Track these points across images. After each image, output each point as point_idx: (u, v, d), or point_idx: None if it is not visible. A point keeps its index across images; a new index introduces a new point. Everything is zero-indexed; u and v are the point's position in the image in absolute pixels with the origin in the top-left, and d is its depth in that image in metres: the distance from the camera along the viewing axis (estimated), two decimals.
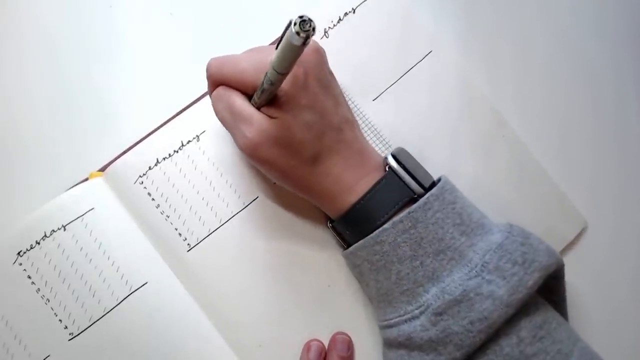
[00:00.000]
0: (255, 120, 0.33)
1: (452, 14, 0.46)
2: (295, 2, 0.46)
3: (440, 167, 0.42)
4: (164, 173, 0.41)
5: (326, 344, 0.40)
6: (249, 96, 0.34)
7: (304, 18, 0.24)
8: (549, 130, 0.45)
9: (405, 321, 0.33)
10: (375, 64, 0.43)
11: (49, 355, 0.38)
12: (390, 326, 0.35)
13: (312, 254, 0.41)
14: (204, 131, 0.42)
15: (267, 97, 0.32)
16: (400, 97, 0.43)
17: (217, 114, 0.36)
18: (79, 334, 0.38)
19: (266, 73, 0.29)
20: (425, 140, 0.43)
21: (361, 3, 0.44)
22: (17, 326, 0.38)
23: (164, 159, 0.41)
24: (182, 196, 0.41)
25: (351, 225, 0.36)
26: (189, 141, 0.41)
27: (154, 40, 0.45)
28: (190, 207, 0.41)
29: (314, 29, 0.24)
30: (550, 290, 0.35)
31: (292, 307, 0.40)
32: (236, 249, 0.40)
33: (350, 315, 0.40)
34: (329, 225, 0.40)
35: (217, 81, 0.35)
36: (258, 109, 0.34)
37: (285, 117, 0.33)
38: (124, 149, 0.42)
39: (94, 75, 0.44)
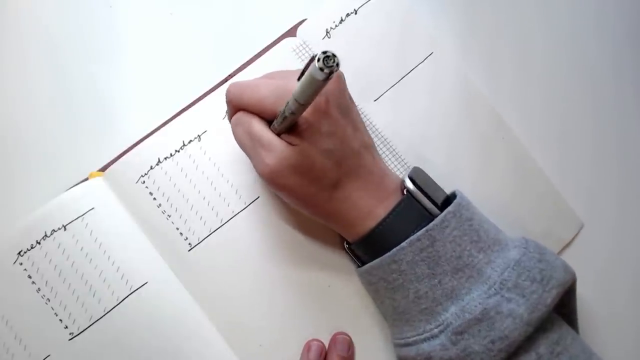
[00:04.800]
0: (275, 147, 0.33)
1: (453, 16, 0.46)
2: (297, 3, 0.46)
3: (440, 167, 0.42)
4: (166, 173, 0.41)
5: (326, 344, 0.40)
6: (268, 122, 0.34)
7: (327, 54, 0.24)
8: (549, 132, 0.45)
9: (424, 340, 0.33)
10: (376, 65, 0.44)
11: (49, 355, 0.38)
12: (408, 344, 0.34)
13: (312, 253, 0.41)
14: (205, 131, 0.42)
15: (288, 124, 0.32)
16: (401, 98, 0.43)
17: (236, 139, 0.36)
18: (79, 334, 0.38)
19: (287, 102, 0.29)
20: (425, 141, 0.43)
21: (363, 4, 0.44)
22: (17, 326, 0.38)
23: (165, 158, 0.41)
24: (183, 196, 0.41)
25: (370, 249, 0.36)
26: (190, 141, 0.42)
27: (154, 40, 0.45)
28: (192, 207, 0.41)
29: (337, 65, 0.24)
30: (562, 304, 0.35)
31: (293, 307, 0.40)
32: (237, 249, 0.40)
33: (351, 315, 0.40)
34: (346, 246, 0.40)
35: (237, 106, 0.35)
36: (278, 135, 0.33)
37: (306, 144, 0.33)
38: (124, 148, 0.42)
39: (94, 75, 0.44)
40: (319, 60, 0.24)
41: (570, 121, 0.45)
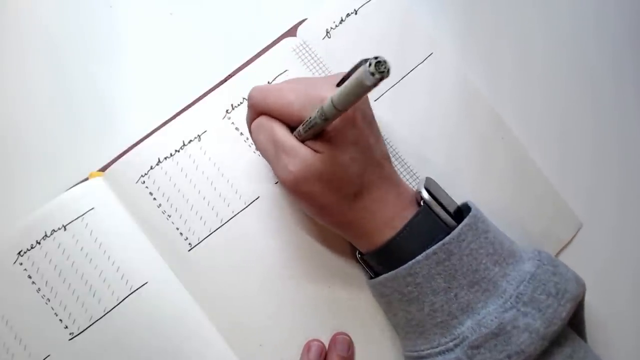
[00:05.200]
0: (301, 153, 0.32)
1: (452, 16, 0.46)
2: (297, 3, 0.46)
3: (440, 168, 0.42)
4: (166, 173, 0.41)
5: (326, 344, 0.40)
6: (290, 128, 0.33)
7: (379, 59, 0.23)
8: (548, 133, 0.45)
9: (439, 353, 0.32)
10: None
11: (49, 355, 0.38)
12: (421, 357, 0.34)
13: (312, 253, 0.41)
14: (205, 131, 0.42)
15: (316, 131, 0.31)
16: (401, 98, 0.43)
17: (257, 144, 0.35)
18: (79, 334, 0.38)
19: (321, 107, 0.28)
20: (425, 142, 0.43)
21: (363, 4, 0.44)
22: (17, 326, 0.38)
23: (165, 158, 0.41)
24: (183, 196, 0.41)
25: (385, 260, 0.36)
26: (190, 141, 0.42)
27: (154, 40, 0.45)
28: (192, 207, 0.41)
29: (388, 71, 0.24)
30: (572, 315, 0.34)
31: (293, 307, 0.40)
32: (237, 249, 0.40)
33: (351, 316, 0.40)
34: (358, 256, 0.39)
35: (260, 110, 0.34)
36: (302, 142, 0.33)
37: (332, 152, 0.32)
38: (124, 148, 0.42)
39: (94, 75, 0.44)
40: (370, 64, 0.23)
41: (570, 121, 0.45)
